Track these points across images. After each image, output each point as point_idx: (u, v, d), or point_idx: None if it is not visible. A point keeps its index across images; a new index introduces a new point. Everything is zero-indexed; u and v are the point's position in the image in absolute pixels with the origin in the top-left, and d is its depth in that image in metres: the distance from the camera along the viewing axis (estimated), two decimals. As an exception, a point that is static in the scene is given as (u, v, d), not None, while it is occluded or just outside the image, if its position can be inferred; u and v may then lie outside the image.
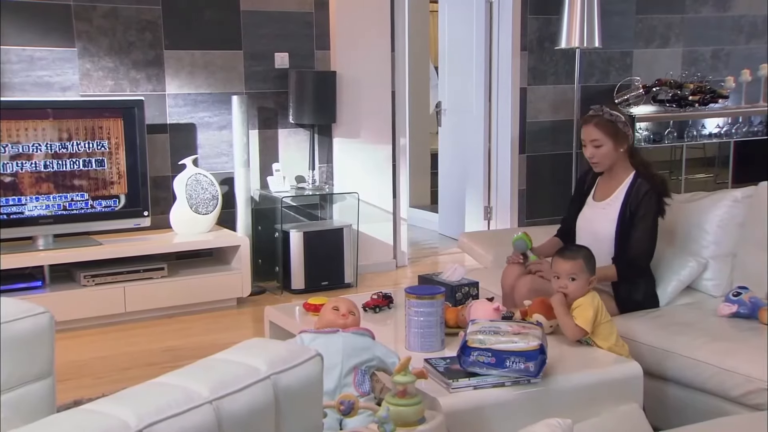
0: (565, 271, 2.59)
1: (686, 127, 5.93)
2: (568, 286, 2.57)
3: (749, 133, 6.13)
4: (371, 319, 2.89)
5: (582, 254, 2.64)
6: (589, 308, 2.51)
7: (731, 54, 6.26)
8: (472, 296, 2.93)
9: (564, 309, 2.54)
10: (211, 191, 4.50)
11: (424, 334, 2.47)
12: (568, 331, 2.51)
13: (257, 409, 1.30)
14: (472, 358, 2.18)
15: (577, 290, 2.57)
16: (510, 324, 2.32)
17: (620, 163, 3.03)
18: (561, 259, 2.62)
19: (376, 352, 2.06)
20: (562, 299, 2.56)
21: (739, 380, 2.40)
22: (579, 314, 2.51)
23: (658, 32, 6.00)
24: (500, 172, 5.82)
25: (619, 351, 2.53)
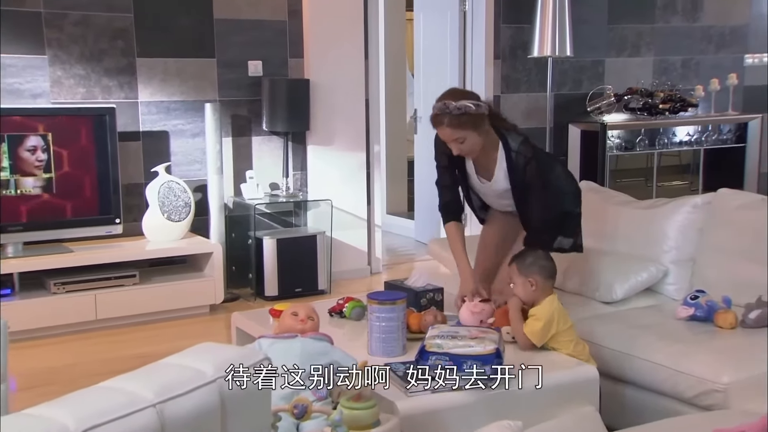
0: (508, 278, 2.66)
1: (657, 135, 6.02)
2: (516, 290, 2.63)
3: (719, 141, 6.22)
4: (337, 323, 2.92)
5: (516, 257, 2.67)
6: (540, 320, 2.53)
7: (700, 63, 6.36)
8: (437, 302, 2.97)
9: (517, 315, 2.58)
10: (184, 198, 4.52)
11: (386, 339, 2.51)
12: (518, 337, 2.56)
13: (203, 412, 1.33)
14: (430, 363, 2.22)
15: (522, 294, 2.61)
16: (468, 329, 2.36)
17: (487, 140, 2.83)
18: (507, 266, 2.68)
19: (334, 357, 2.09)
20: (517, 304, 2.59)
21: (692, 382, 2.46)
22: (529, 324, 2.55)
23: (629, 41, 6.08)
24: (474, 179, 5.86)
25: (578, 356, 2.58)
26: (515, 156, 2.82)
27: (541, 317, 2.54)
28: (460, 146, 2.77)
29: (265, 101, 4.84)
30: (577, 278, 3.21)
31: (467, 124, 2.72)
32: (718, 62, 6.39)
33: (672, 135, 6.12)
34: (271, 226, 5.03)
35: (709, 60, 6.38)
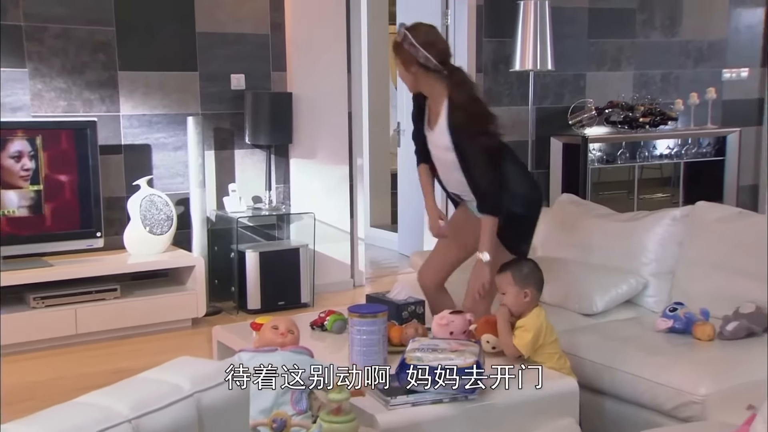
0: (499, 286, 2.67)
1: (638, 148, 6.07)
2: (504, 300, 2.63)
3: (698, 154, 6.29)
4: (318, 336, 2.92)
5: (511, 267, 2.68)
6: (531, 331, 2.55)
7: (680, 77, 6.43)
8: (419, 315, 2.97)
9: (506, 325, 2.58)
10: (166, 212, 4.50)
11: (367, 352, 2.50)
12: (506, 350, 2.56)
13: (179, 427, 1.32)
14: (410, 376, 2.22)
15: (514, 304, 2.61)
16: (448, 342, 2.37)
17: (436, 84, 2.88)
18: (497, 275, 2.69)
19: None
20: (505, 314, 2.59)
21: (671, 394, 2.47)
22: (519, 335, 2.55)
23: (610, 56, 6.14)
24: (457, 192, 5.88)
25: (560, 370, 2.59)
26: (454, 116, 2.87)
27: (531, 328, 2.55)
28: (403, 72, 2.92)
29: (248, 114, 4.85)
30: (558, 290, 3.22)
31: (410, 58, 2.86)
32: (697, 76, 6.47)
33: (652, 148, 6.17)
34: (253, 240, 5.02)
35: (688, 74, 6.45)
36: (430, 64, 2.86)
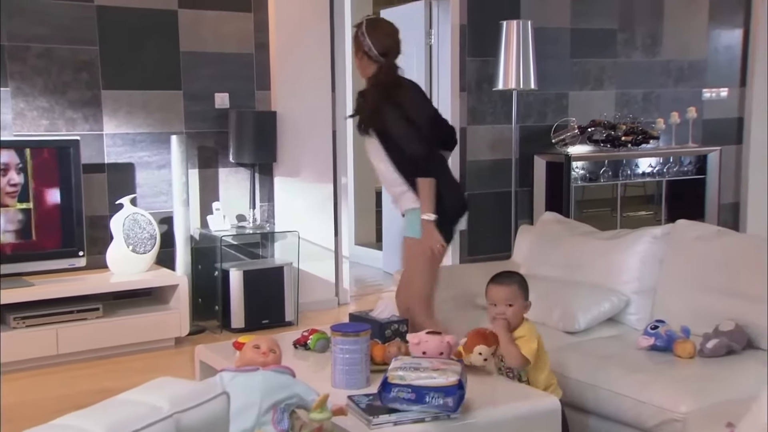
0: (502, 298, 2.61)
1: (621, 166, 6.12)
2: (506, 312, 2.59)
3: (680, 172, 6.34)
4: (301, 356, 2.91)
5: (516, 279, 2.67)
6: (534, 340, 2.56)
7: (661, 97, 6.50)
8: (402, 333, 2.97)
9: (509, 336, 2.56)
10: (149, 230, 4.49)
11: (350, 371, 2.50)
12: (514, 360, 2.54)
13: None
14: (392, 394, 2.22)
15: (515, 316, 2.61)
16: (431, 360, 2.37)
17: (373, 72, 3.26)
18: (497, 286, 2.65)
19: (296, 390, 2.09)
20: (506, 326, 2.58)
21: (653, 411, 2.48)
22: (524, 345, 2.55)
23: (592, 75, 6.20)
24: (441, 210, 5.90)
25: (550, 380, 2.60)
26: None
27: (533, 337, 2.57)
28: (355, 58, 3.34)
29: (232, 133, 4.86)
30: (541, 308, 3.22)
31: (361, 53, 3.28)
32: (678, 96, 6.54)
33: (635, 166, 6.22)
34: (237, 258, 5.02)
35: (669, 94, 6.53)
36: (372, 53, 3.23)
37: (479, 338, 2.58)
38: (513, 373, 2.59)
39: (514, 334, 2.58)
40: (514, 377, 2.59)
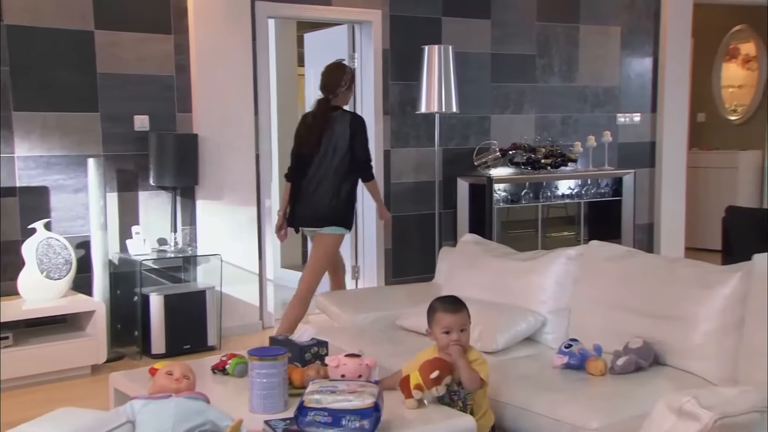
0: (457, 324, 2.58)
1: (541, 188, 6.27)
2: (461, 338, 2.58)
3: (597, 194, 6.54)
4: (220, 381, 2.87)
5: (463, 304, 2.67)
6: (486, 363, 2.59)
7: (578, 121, 6.70)
8: (321, 356, 2.97)
9: (467, 361, 2.55)
10: (65, 255, 4.37)
11: (267, 396, 2.48)
12: (474, 384, 2.53)
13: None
14: (308, 418, 2.21)
15: (468, 340, 2.63)
16: (348, 383, 2.37)
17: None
18: (450, 314, 2.61)
19: (210, 416, 2.06)
20: (462, 351, 2.57)
21: (566, 429, 2.53)
22: (480, 368, 2.55)
23: (512, 99, 6.36)
24: (366, 233, 5.94)
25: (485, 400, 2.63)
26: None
27: (484, 359, 2.59)
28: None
29: (153, 156, 4.78)
30: (460, 329, 3.27)
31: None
32: (594, 120, 6.76)
33: (555, 188, 6.38)
34: (159, 282, 4.92)
35: (586, 118, 6.74)
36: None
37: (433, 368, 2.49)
38: (458, 396, 2.57)
39: (468, 358, 2.58)
40: (458, 400, 2.57)
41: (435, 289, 3.91)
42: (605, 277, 3.19)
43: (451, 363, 2.51)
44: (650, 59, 7.00)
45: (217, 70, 5.05)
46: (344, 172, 4.36)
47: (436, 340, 2.62)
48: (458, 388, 2.55)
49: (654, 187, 7.10)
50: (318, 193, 4.38)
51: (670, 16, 6.91)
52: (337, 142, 4.34)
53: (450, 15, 5.98)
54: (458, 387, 2.55)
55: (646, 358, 2.83)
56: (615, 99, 6.88)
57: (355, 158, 4.36)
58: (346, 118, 4.38)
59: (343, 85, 4.41)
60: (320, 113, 4.39)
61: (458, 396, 2.56)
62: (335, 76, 4.42)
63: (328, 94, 4.40)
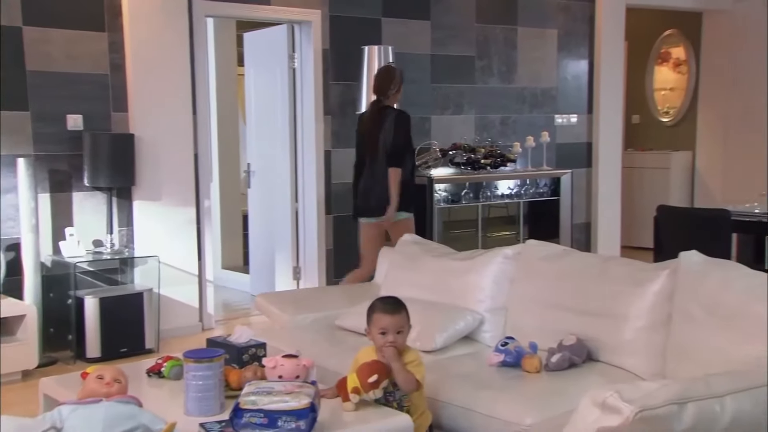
0: (394, 326, 2.58)
1: (481, 188, 6.34)
2: (397, 339, 2.57)
3: (536, 194, 6.64)
4: (155, 384, 2.83)
5: (403, 306, 2.66)
6: (422, 365, 2.59)
7: (517, 121, 6.81)
8: (259, 358, 2.95)
9: (402, 363, 2.55)
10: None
11: (203, 398, 2.45)
12: (409, 385, 2.53)
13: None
14: (244, 420, 2.20)
15: (404, 342, 2.63)
16: (284, 384, 2.36)
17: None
18: (387, 315, 2.60)
19: (142, 420, 2.03)
20: (397, 353, 2.57)
21: (500, 426, 2.57)
22: (415, 369, 2.55)
23: (452, 100, 6.42)
24: (308, 233, 5.93)
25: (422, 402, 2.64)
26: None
27: (421, 361, 2.59)
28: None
29: (87, 156, 4.68)
30: (398, 329, 3.29)
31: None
32: (533, 121, 6.88)
33: (495, 188, 6.46)
34: (94, 285, 4.82)
35: (525, 119, 6.85)
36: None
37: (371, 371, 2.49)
38: (393, 397, 2.57)
39: (404, 360, 2.58)
40: (393, 402, 2.57)
41: (374, 289, 3.92)
42: (541, 276, 3.24)
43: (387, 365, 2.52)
44: (586, 62, 7.15)
45: (154, 69, 4.97)
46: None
47: (373, 340, 2.62)
48: (394, 389, 2.56)
49: (591, 187, 7.25)
50: (377, 185, 4.82)
51: (604, 20, 7.08)
52: (387, 138, 4.75)
53: (390, 16, 6.01)
54: (394, 388, 2.56)
55: (579, 355, 2.89)
56: (552, 100, 7.00)
57: (391, 146, 4.76)
58: (393, 115, 4.79)
59: (392, 88, 4.87)
60: (373, 113, 4.87)
61: (393, 397, 2.57)
62: (386, 80, 4.88)
63: (380, 95, 4.86)
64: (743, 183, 7.57)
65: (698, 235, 4.62)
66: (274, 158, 6.16)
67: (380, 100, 4.87)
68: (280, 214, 6.14)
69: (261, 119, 6.36)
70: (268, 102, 6.18)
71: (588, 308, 2.99)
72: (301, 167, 5.91)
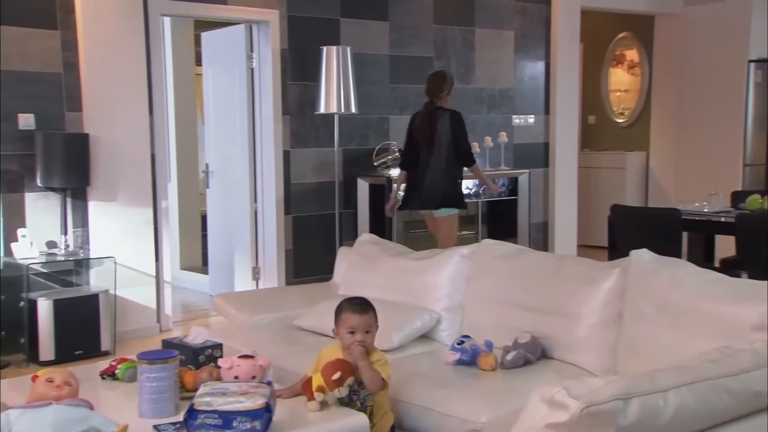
0: (361, 325, 2.60)
1: (440, 188, 6.37)
2: (365, 339, 2.59)
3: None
4: (109, 386, 2.80)
5: (371, 306, 2.69)
6: (388, 364, 2.60)
7: (476, 122, 6.86)
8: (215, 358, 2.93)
9: (369, 362, 2.56)
10: (-56, 260, 4.16)
11: (157, 400, 2.43)
12: (375, 384, 2.55)
13: None
14: (198, 421, 2.18)
15: (372, 342, 2.64)
16: (239, 384, 2.36)
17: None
18: (356, 315, 2.62)
19: (93, 423, 2.01)
20: (364, 352, 2.58)
21: (456, 423, 2.59)
22: (382, 368, 2.57)
23: (411, 100, 6.44)
24: (267, 233, 5.91)
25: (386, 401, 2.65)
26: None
27: (386, 361, 2.61)
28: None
29: (39, 156, 4.61)
30: (356, 328, 3.29)
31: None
32: (491, 121, 6.94)
33: (453, 188, 6.49)
34: (48, 287, 4.75)
35: (483, 119, 6.91)
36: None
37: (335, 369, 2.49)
38: (358, 396, 2.58)
39: (374, 358, 2.60)
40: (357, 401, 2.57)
41: (333, 289, 3.93)
42: (497, 275, 3.28)
43: (353, 364, 2.53)
44: (543, 63, 7.24)
45: (109, 68, 4.91)
46: (450, 161, 5.13)
47: (341, 339, 2.64)
48: (359, 388, 2.57)
49: (548, 187, 7.34)
50: (430, 181, 5.17)
51: (559, 22, 7.17)
52: (441, 137, 5.13)
53: (348, 16, 6.01)
54: (359, 387, 2.57)
55: (534, 353, 2.93)
56: (510, 101, 7.07)
57: (458, 149, 5.14)
58: (446, 116, 5.16)
59: (444, 90, 5.24)
60: (427, 114, 5.20)
61: (358, 396, 2.58)
62: (438, 83, 5.26)
63: (433, 97, 5.23)
64: (695, 183, 7.74)
65: (650, 234, 4.71)
66: (233, 158, 6.13)
67: (433, 102, 5.22)
68: (239, 214, 6.10)
69: (219, 119, 6.32)
70: (227, 102, 6.14)
71: (542, 306, 3.04)
72: (260, 167, 5.89)
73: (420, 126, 5.22)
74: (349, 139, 6.08)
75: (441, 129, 5.12)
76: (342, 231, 5.86)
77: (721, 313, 2.41)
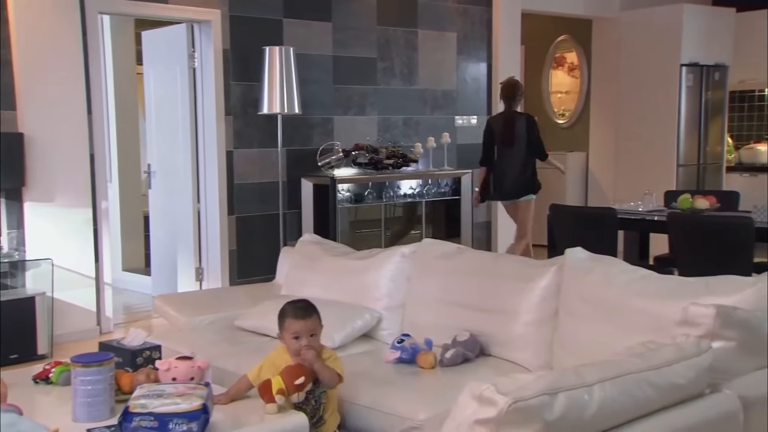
0: (307, 330, 2.59)
1: (384, 188, 6.41)
2: (312, 342, 2.59)
3: (438, 193, 6.77)
4: (43, 390, 2.75)
5: (314, 308, 2.68)
6: (339, 359, 2.64)
7: (420, 123, 6.92)
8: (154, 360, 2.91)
9: (323, 362, 2.57)
10: None
11: (92, 403, 2.40)
12: (334, 381, 2.58)
13: None
14: (134, 424, 2.17)
15: (319, 343, 2.64)
16: (176, 386, 2.34)
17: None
18: (299, 320, 2.60)
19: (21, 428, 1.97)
20: (316, 355, 2.58)
21: (394, 421, 2.62)
22: (335, 365, 2.60)
23: (354, 101, 6.47)
24: (210, 233, 5.86)
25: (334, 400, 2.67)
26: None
27: (337, 358, 2.64)
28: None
29: (-28, 155, 4.50)
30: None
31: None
32: (434, 122, 7.00)
33: (397, 188, 6.54)
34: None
35: (427, 120, 6.97)
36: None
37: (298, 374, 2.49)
38: (313, 394, 2.58)
39: (325, 355, 2.62)
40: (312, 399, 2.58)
41: (275, 289, 3.93)
42: (437, 274, 3.32)
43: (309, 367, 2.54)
44: (485, 64, 7.34)
45: (44, 65, 4.81)
46: (528, 156, 6.10)
47: (287, 344, 2.63)
48: (314, 386, 2.58)
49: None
50: (513, 174, 6.14)
51: (501, 24, 7.28)
52: (520, 136, 6.05)
53: (291, 17, 6.00)
54: (314, 385, 2.58)
55: (472, 350, 2.98)
56: (453, 102, 7.15)
57: (533, 146, 6.10)
58: (523, 119, 6.11)
59: (518, 96, 6.14)
60: (508, 117, 6.13)
61: (313, 395, 2.59)
62: (513, 90, 6.13)
63: (509, 101, 6.12)
64: (633, 183, 7.94)
65: (587, 233, 4.82)
66: (175, 159, 6.07)
67: (510, 106, 6.13)
68: (182, 214, 6.04)
69: (161, 119, 6.24)
70: (169, 102, 6.07)
71: (481, 305, 3.09)
72: (203, 167, 5.84)
73: (502, 128, 6.12)
74: (292, 139, 6.08)
75: (519, 130, 6.03)
76: (286, 231, 5.86)
77: (649, 309, 2.49)
